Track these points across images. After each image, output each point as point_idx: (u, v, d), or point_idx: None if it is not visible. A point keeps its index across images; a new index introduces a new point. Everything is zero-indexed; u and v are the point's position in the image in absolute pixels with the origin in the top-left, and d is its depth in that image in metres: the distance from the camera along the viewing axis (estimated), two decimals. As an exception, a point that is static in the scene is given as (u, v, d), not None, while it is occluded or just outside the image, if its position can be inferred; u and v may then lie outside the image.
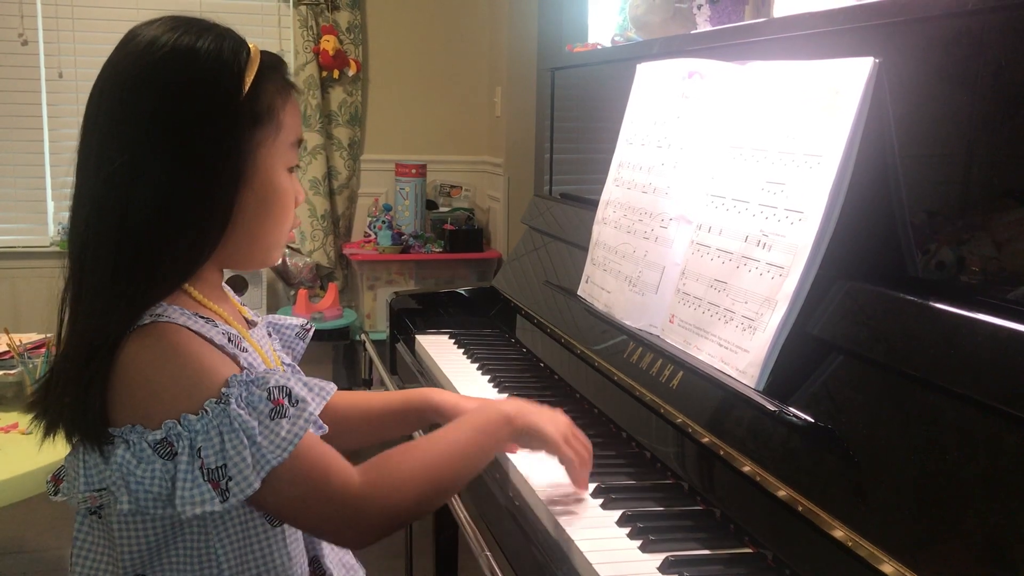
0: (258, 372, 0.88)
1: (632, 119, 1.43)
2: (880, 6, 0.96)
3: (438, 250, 3.69)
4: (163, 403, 0.83)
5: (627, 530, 0.97)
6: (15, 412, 1.97)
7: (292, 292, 3.84)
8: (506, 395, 1.44)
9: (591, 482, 1.08)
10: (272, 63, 0.93)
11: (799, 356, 0.97)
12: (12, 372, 2.01)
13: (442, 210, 3.94)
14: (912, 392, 0.82)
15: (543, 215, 1.89)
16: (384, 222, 3.73)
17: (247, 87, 0.89)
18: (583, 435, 1.09)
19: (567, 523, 0.98)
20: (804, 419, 0.91)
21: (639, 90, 1.43)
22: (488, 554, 1.05)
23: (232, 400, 0.83)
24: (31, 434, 1.88)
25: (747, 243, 1.06)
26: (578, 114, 1.90)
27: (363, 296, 3.73)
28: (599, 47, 1.90)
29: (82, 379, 0.84)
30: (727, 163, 1.14)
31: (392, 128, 3.98)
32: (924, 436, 0.79)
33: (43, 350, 2.07)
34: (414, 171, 3.76)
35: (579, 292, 1.48)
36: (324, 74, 3.76)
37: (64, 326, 0.89)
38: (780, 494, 0.89)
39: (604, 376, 1.30)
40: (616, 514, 1.00)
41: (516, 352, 1.71)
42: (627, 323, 1.30)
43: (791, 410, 0.92)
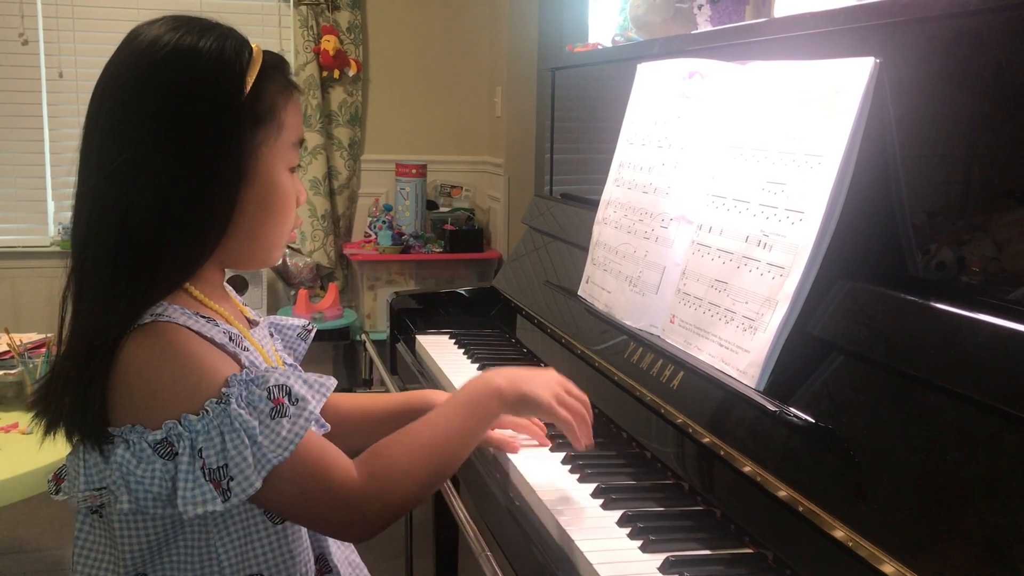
0: (258, 371, 0.88)
1: (633, 119, 1.43)
2: (881, 6, 0.96)
3: (438, 250, 3.69)
4: (163, 403, 0.83)
5: (627, 530, 0.96)
6: (15, 412, 1.97)
7: (292, 292, 3.84)
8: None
9: (591, 482, 1.08)
10: (274, 63, 0.93)
11: (800, 356, 0.97)
12: (12, 372, 2.01)
13: (442, 210, 3.94)
14: (913, 392, 0.82)
15: (543, 215, 1.89)
16: (384, 222, 3.73)
17: (249, 87, 0.89)
18: (577, 390, 1.09)
19: (568, 523, 0.98)
20: (805, 419, 0.91)
21: (640, 90, 1.43)
22: (488, 554, 1.05)
23: (233, 400, 0.83)
24: (31, 434, 1.88)
25: (748, 243, 1.06)
26: (578, 114, 1.90)
27: (363, 296, 3.73)
28: (599, 47, 1.90)
29: (82, 378, 0.84)
30: (728, 163, 1.14)
31: (392, 128, 3.98)
32: (925, 436, 0.79)
33: (43, 350, 2.08)
34: (414, 171, 3.76)
35: (579, 292, 1.48)
36: (324, 74, 3.76)
37: (65, 325, 0.89)
38: (781, 494, 0.89)
39: (604, 376, 1.30)
40: (616, 514, 1.00)
41: (516, 352, 1.71)
42: (627, 323, 1.30)
43: (791, 410, 0.92)
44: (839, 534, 0.80)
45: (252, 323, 1.01)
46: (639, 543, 0.94)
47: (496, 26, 3.85)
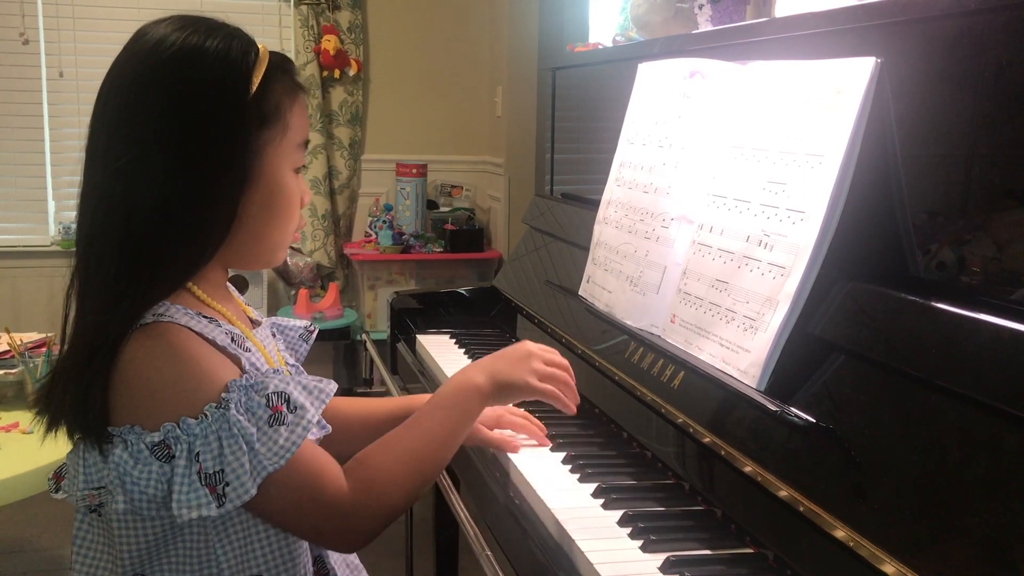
0: (258, 376, 0.88)
1: (633, 119, 1.43)
2: (882, 6, 0.96)
3: (439, 250, 3.69)
4: (162, 404, 0.83)
5: (628, 530, 0.96)
6: (16, 411, 1.97)
7: (293, 292, 3.84)
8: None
9: (592, 482, 1.09)
10: (280, 64, 0.93)
11: (800, 356, 0.97)
12: (13, 371, 2.01)
13: (443, 210, 3.94)
14: (913, 392, 0.82)
15: (544, 215, 1.89)
16: (385, 222, 3.73)
17: (255, 87, 0.89)
18: (555, 355, 1.10)
19: (568, 523, 0.98)
20: (805, 419, 0.90)
21: (640, 90, 1.43)
22: (488, 553, 1.05)
23: (232, 405, 0.83)
24: (32, 433, 1.88)
25: (748, 243, 1.06)
26: (579, 114, 1.90)
27: (364, 296, 3.73)
28: (600, 47, 1.90)
29: (83, 377, 0.84)
30: (728, 163, 1.14)
31: (393, 128, 3.98)
32: (925, 436, 0.79)
33: (43, 349, 2.08)
34: (415, 171, 3.76)
35: (580, 292, 1.48)
36: (325, 74, 3.76)
37: (69, 323, 0.89)
38: (781, 494, 0.89)
39: (605, 376, 1.30)
40: (617, 514, 1.00)
41: (517, 352, 1.70)
42: (628, 323, 1.29)
43: (792, 410, 0.92)
44: (840, 534, 0.80)
45: (255, 323, 1.01)
46: (640, 543, 0.94)
47: (497, 26, 3.85)
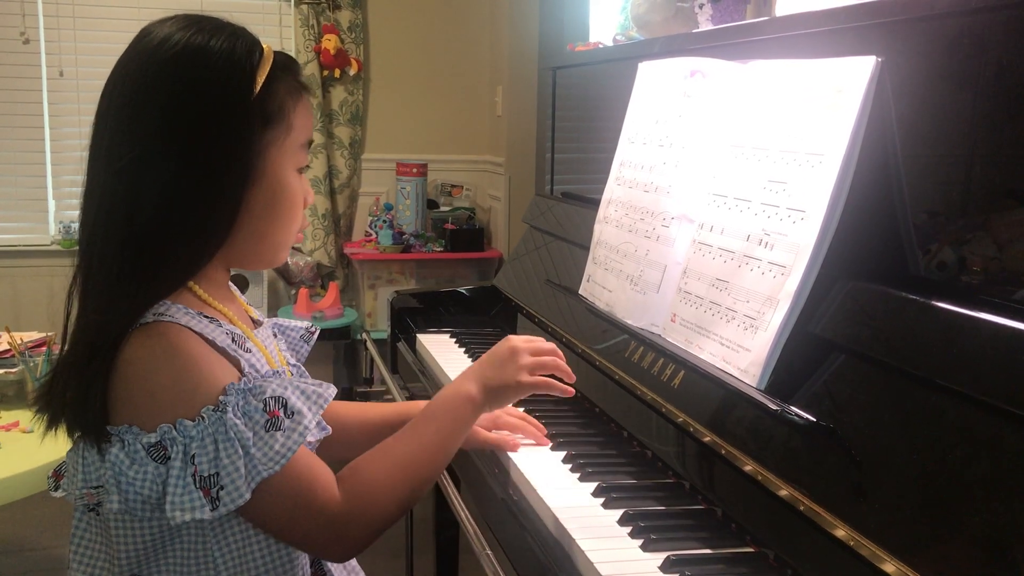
0: (256, 379, 0.88)
1: (634, 118, 1.43)
2: (882, 5, 0.96)
3: (439, 249, 3.69)
4: (160, 405, 0.83)
5: (628, 529, 0.96)
6: (16, 410, 1.97)
7: (293, 291, 3.84)
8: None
9: (592, 481, 1.09)
10: (285, 63, 0.93)
11: (801, 355, 0.97)
12: (13, 370, 2.01)
13: (443, 209, 3.94)
14: (914, 391, 0.82)
15: (544, 214, 1.89)
16: (385, 221, 3.73)
17: (258, 87, 0.89)
18: (539, 343, 1.10)
19: (568, 522, 0.98)
20: (806, 418, 0.90)
21: (641, 89, 1.43)
22: (489, 553, 1.05)
23: (229, 409, 0.83)
24: (32, 432, 1.88)
25: (749, 242, 1.06)
26: (579, 113, 1.90)
27: (364, 295, 3.73)
28: (601, 46, 1.90)
29: (84, 375, 0.84)
30: (729, 162, 1.14)
31: (393, 127, 3.98)
32: (926, 435, 0.79)
33: (43, 348, 2.08)
34: (415, 170, 3.75)
35: (580, 291, 1.48)
36: (325, 73, 3.76)
37: (71, 321, 0.89)
38: (782, 493, 0.89)
39: (605, 375, 1.30)
40: (617, 513, 1.00)
41: (517, 351, 1.70)
42: (628, 322, 1.29)
43: (793, 409, 0.92)
44: (840, 533, 0.80)
45: (256, 323, 1.01)
46: (640, 542, 0.94)
47: (497, 25, 3.84)
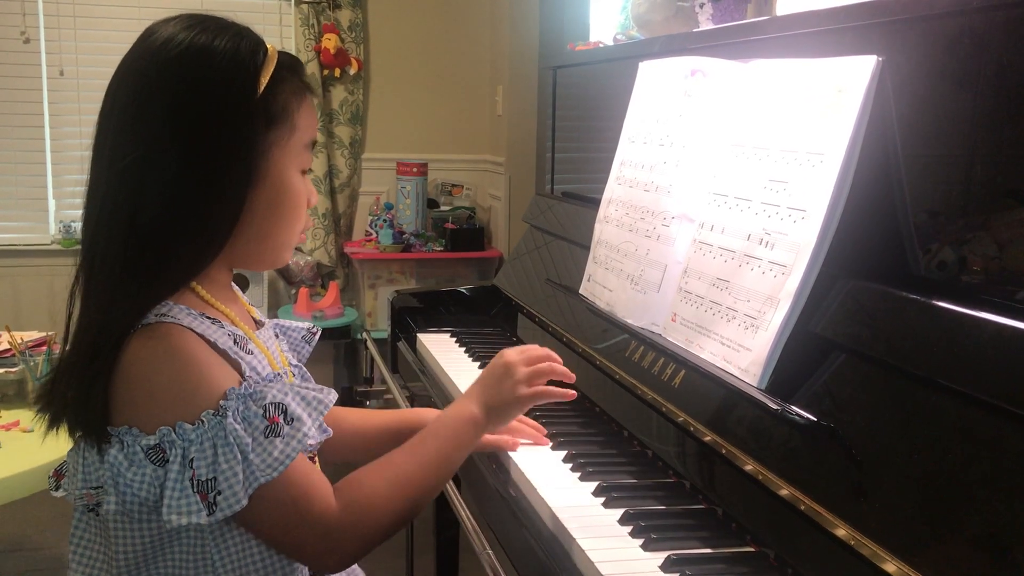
0: (257, 383, 0.88)
1: (634, 117, 1.43)
2: (883, 4, 0.96)
3: (439, 249, 3.69)
4: (160, 407, 0.83)
5: (629, 528, 0.96)
6: (16, 410, 1.97)
7: (293, 291, 3.84)
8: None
9: (592, 480, 1.08)
10: (289, 64, 0.93)
11: (801, 355, 0.97)
12: (13, 370, 2.01)
13: (443, 209, 3.94)
14: (914, 391, 0.82)
15: (544, 214, 1.89)
16: (385, 221, 3.73)
17: (262, 87, 0.88)
18: (533, 350, 1.11)
19: (569, 522, 0.98)
20: (806, 418, 0.90)
21: (641, 88, 1.43)
22: (489, 552, 1.05)
23: (229, 413, 0.83)
24: (32, 432, 1.88)
25: (749, 241, 1.06)
26: (580, 112, 1.90)
27: (364, 295, 3.73)
28: (601, 45, 1.90)
29: (86, 375, 0.84)
30: (729, 161, 1.14)
31: (393, 127, 3.98)
32: (926, 435, 0.79)
33: (44, 348, 2.08)
34: (415, 170, 3.75)
35: (581, 291, 1.48)
36: (325, 73, 3.75)
37: (73, 321, 0.89)
38: (782, 493, 0.89)
39: (606, 375, 1.30)
40: (618, 513, 1.00)
41: (517, 351, 1.70)
42: (629, 322, 1.29)
43: (793, 409, 0.92)
44: (841, 532, 0.80)
45: (258, 324, 1.01)
46: (640, 541, 0.94)
47: (497, 25, 3.84)
